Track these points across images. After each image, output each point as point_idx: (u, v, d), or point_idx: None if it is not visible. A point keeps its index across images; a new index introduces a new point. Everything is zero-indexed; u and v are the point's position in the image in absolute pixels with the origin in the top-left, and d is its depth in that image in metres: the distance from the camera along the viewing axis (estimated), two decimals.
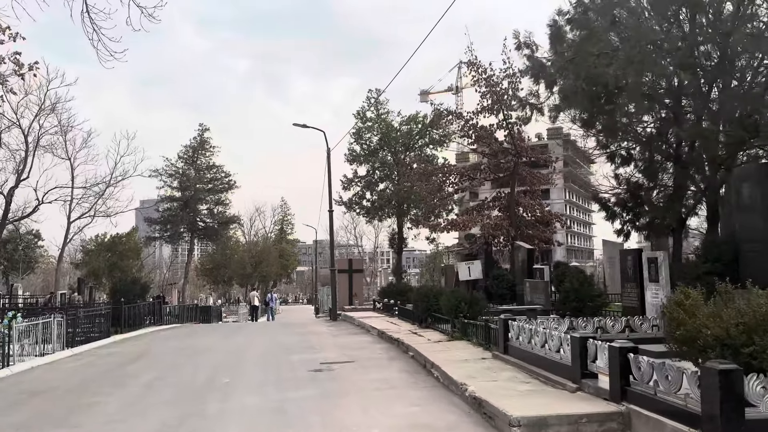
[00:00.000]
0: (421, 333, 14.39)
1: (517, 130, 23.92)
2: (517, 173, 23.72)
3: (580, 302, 16.57)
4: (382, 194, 31.62)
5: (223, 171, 56.18)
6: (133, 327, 23.22)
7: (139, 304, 24.75)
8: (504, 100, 23.30)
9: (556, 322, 10.07)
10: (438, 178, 23.88)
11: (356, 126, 31.48)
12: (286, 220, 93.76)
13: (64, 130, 33.91)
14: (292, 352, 13.43)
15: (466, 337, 12.29)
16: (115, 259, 48.11)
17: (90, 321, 20.39)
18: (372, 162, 31.90)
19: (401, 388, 8.76)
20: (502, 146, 23.86)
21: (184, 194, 53.77)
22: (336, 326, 21.38)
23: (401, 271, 31.95)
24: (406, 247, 33.74)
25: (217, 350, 14.85)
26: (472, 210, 24.04)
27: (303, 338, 16.71)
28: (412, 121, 31.50)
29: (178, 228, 51.61)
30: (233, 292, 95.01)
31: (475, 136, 23.54)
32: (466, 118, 23.86)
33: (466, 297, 12.86)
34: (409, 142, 31.48)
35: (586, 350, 7.08)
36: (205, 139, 55.77)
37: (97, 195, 35.24)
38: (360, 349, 13.41)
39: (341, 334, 17.68)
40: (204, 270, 78.12)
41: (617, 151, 13.06)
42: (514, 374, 8.36)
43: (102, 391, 9.68)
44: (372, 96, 31.31)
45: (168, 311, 30.34)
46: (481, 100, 24.08)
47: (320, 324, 23.92)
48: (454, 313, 12.81)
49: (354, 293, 28.50)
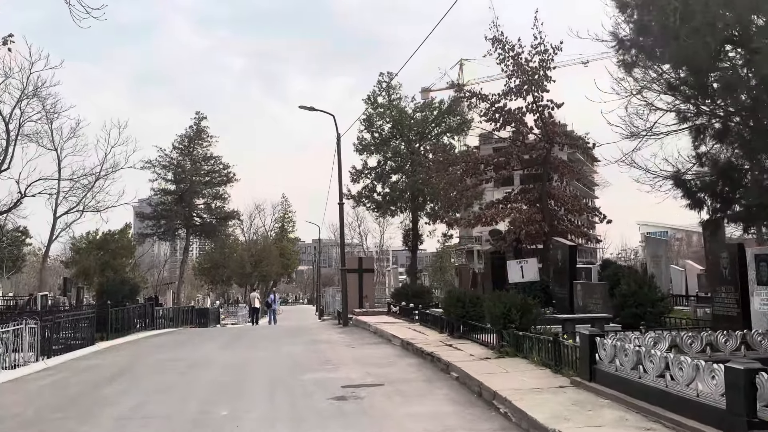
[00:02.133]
0: (456, 345, 12.19)
1: (548, 113, 21.74)
2: (549, 162, 21.52)
3: (641, 308, 14.38)
4: (395, 187, 29.28)
5: (222, 162, 52.48)
6: (121, 332, 21.10)
7: (129, 307, 22.61)
8: (535, 80, 21.11)
9: (649, 339, 7.87)
10: (461, 166, 21.61)
11: (367, 112, 29.13)
12: (287, 218, 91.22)
13: (49, 118, 31.76)
14: (305, 370, 11.23)
15: (519, 353, 10.08)
16: (107, 257, 45.86)
17: (72, 326, 18.33)
18: (384, 152, 29.53)
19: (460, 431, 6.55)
20: (533, 131, 21.67)
21: (178, 187, 49.91)
22: (348, 333, 19.17)
23: (416, 271, 29.66)
24: (421, 244, 31.57)
25: (213, 364, 12.65)
26: (498, 203, 21.81)
27: (314, 349, 14.50)
28: (428, 107, 29.19)
29: (172, 224, 48.03)
30: (232, 292, 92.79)
31: (502, 120, 21.30)
32: (492, 100, 21.64)
33: (517, 302, 10.65)
34: (424, 130, 29.19)
35: (754, 388, 4.87)
36: (202, 128, 52.36)
37: (86, 188, 32.91)
38: (386, 366, 11.20)
39: (357, 343, 15.47)
40: (202, 269, 75.88)
41: (709, 124, 10.79)
42: (620, 414, 6.14)
43: (63, 427, 7.49)
44: (384, 80, 28.98)
45: (161, 314, 28.11)
46: (508, 80, 21.93)
47: (329, 329, 21.70)
48: (502, 323, 10.60)
49: (364, 295, 26.26)
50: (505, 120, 21.62)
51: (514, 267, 14.80)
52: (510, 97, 21.88)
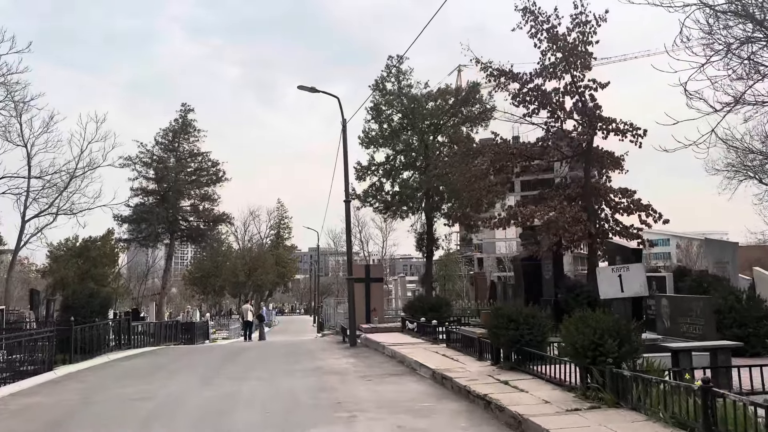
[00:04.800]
0: (513, 382, 9.14)
1: (589, 95, 18.80)
2: (592, 152, 18.54)
3: (743, 328, 11.40)
4: (407, 184, 26.11)
5: (210, 159, 47.50)
6: (89, 354, 18.10)
7: (98, 324, 19.52)
8: (576, 54, 18.18)
9: None
10: (488, 157, 18.56)
11: (374, 99, 26.08)
12: (283, 224, 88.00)
13: (18, 110, 28.69)
14: (310, 422, 8.13)
15: (623, 401, 7.04)
16: (88, 266, 42.75)
17: (27, 349, 15.34)
18: (393, 145, 26.46)
19: None
20: (571, 117, 18.72)
21: (161, 186, 44.78)
22: (359, 357, 16.05)
23: (432, 280, 26.37)
24: (437, 250, 28.44)
25: (186, 409, 9.56)
26: (530, 201, 18.80)
27: (320, 383, 11.41)
28: (441, 96, 26.13)
29: (154, 228, 43.30)
30: (226, 302, 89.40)
31: (537, 102, 18.33)
32: (524, 80, 18.67)
33: (610, 326, 7.61)
34: (438, 121, 26.11)
35: None
36: (188, 122, 47.50)
37: (59, 189, 29.69)
38: (423, 416, 8.14)
39: (374, 374, 12.38)
40: (192, 278, 72.65)
41: None
42: None
43: None
44: (393, 63, 25.86)
45: (140, 330, 24.97)
46: (542, 58, 19.01)
47: (334, 350, 18.56)
48: (591, 355, 7.55)
49: (373, 308, 23.18)
50: (540, 102, 18.67)
51: (607, 276, 10.83)
52: (544, 76, 19.00)
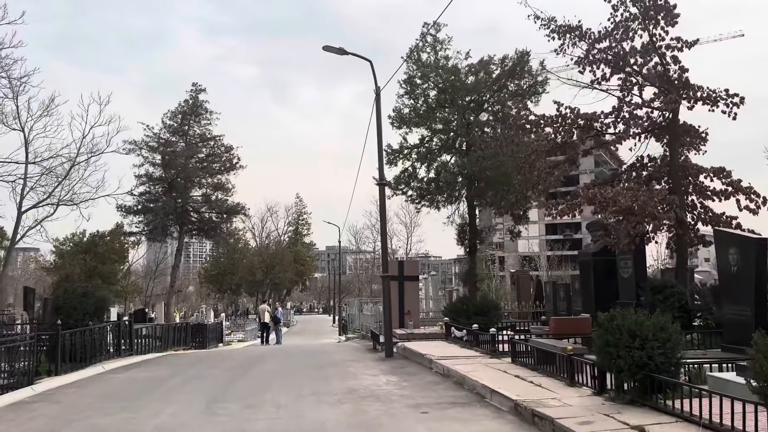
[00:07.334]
0: (634, 422, 6.26)
1: (671, 57, 15.79)
2: (678, 124, 15.55)
3: None
4: (445, 168, 23.08)
5: (223, 144, 43.33)
6: (81, 362, 15.82)
7: (93, 328, 17.14)
8: (658, 5, 15.22)
9: None
10: (553, 129, 15.63)
11: (408, 70, 22.99)
12: (302, 220, 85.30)
13: (14, 91, 26.36)
14: None
15: None
16: (95, 262, 40.56)
17: (7, 357, 13.14)
18: (429, 124, 23.47)
19: None
20: (650, 83, 15.73)
21: (168, 172, 40.63)
22: (400, 373, 13.17)
23: (475, 279, 23.36)
24: (481, 243, 25.28)
25: None
26: (603, 184, 15.85)
27: (357, 415, 8.62)
28: (484, 67, 23.09)
29: (162, 220, 39.34)
30: (243, 301, 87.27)
31: (612, 64, 15.37)
32: (594, 38, 15.71)
33: None
34: (481, 97, 23.11)
35: None
36: (199, 102, 43.21)
37: (58, 177, 27.28)
38: None
39: (427, 401, 9.55)
40: (208, 276, 70.57)
41: None
42: None
43: None
44: (429, 32, 22.82)
45: (145, 333, 22.51)
46: (612, 13, 16.06)
47: (367, 362, 15.73)
48: None
49: (407, 311, 20.38)
50: (613, 66, 15.70)
51: None
52: (616, 34, 16.06)
